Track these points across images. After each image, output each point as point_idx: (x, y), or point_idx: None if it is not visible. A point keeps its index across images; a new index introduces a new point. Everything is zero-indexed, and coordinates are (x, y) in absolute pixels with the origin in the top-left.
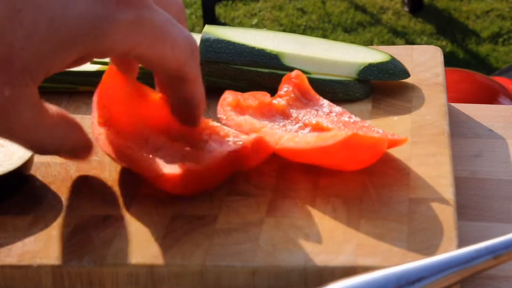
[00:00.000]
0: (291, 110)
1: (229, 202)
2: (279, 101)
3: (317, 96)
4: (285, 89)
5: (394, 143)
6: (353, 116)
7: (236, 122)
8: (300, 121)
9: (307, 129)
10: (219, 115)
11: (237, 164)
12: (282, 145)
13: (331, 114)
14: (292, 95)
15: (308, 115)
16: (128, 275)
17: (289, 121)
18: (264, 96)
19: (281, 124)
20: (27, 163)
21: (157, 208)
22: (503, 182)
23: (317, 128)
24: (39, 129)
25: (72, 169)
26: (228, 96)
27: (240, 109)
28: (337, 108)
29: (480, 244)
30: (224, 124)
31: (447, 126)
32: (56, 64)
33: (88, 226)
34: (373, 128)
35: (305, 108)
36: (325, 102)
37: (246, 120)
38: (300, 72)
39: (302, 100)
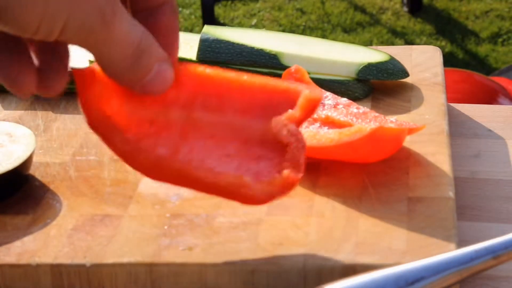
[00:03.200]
0: None
1: (228, 201)
2: None
3: (319, 89)
4: None
5: (412, 131)
6: (360, 106)
7: None
8: None
9: (317, 123)
10: None
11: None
12: None
13: (338, 106)
14: None
15: None
16: (127, 274)
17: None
18: None
19: None
20: (26, 163)
21: (156, 207)
22: (503, 182)
23: (328, 121)
24: (125, 11)
25: (71, 168)
26: None
27: None
28: (343, 100)
29: (480, 244)
30: None
31: (446, 126)
32: None
33: (87, 226)
34: (386, 118)
35: None
36: (328, 94)
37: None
38: (299, 66)
39: None
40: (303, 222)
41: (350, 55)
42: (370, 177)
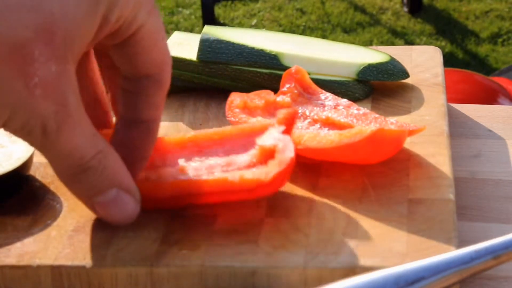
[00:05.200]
0: (296, 107)
1: (229, 202)
2: (283, 98)
3: (319, 90)
4: (287, 86)
5: (412, 133)
6: (360, 107)
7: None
8: (308, 117)
9: (317, 124)
10: (228, 118)
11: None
12: (305, 145)
13: (338, 107)
14: (295, 91)
15: (315, 111)
16: (127, 276)
17: (297, 117)
18: (269, 95)
19: None
20: (26, 164)
21: (157, 208)
22: (503, 183)
23: (328, 123)
24: (81, 127)
25: None
26: (235, 98)
27: (248, 110)
28: (343, 101)
29: (480, 244)
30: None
31: (447, 127)
32: (87, 33)
33: (87, 227)
34: (386, 119)
35: (309, 103)
36: (329, 95)
37: (260, 121)
38: (300, 67)
39: (305, 95)
40: (303, 224)
41: (350, 56)
42: (370, 179)
